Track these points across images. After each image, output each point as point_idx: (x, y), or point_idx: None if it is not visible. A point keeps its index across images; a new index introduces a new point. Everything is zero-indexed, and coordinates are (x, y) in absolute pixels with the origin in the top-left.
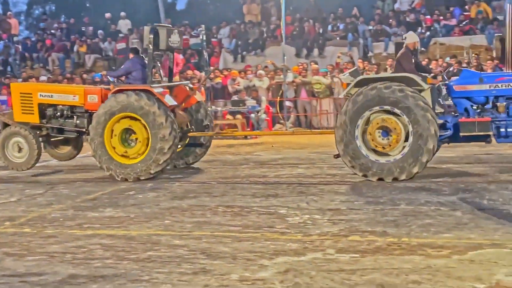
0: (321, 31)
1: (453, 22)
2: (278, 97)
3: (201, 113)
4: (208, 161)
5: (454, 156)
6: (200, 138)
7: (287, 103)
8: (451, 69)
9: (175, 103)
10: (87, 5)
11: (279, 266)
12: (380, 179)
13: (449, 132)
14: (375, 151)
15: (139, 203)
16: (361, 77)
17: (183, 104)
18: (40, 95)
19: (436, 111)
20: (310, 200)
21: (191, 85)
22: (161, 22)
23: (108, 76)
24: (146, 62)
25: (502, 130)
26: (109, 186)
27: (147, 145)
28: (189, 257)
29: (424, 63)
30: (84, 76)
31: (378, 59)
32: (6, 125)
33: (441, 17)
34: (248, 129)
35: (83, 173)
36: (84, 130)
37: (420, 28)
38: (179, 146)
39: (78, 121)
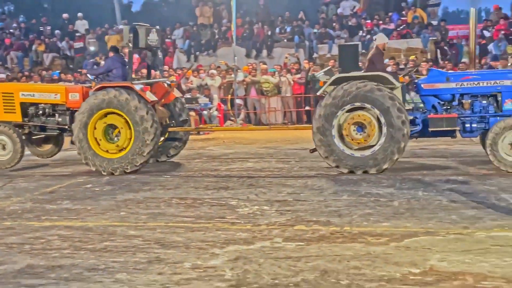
0: (269, 33)
1: (392, 26)
2: (229, 95)
3: (179, 109)
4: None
5: None
6: (179, 133)
7: (238, 101)
8: (415, 69)
9: (155, 98)
10: (45, 5)
11: (230, 254)
12: (351, 172)
13: (418, 128)
14: (350, 146)
15: (96, 196)
16: (337, 75)
17: (163, 100)
18: (22, 94)
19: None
20: (259, 192)
21: (169, 82)
22: (117, 23)
23: (88, 74)
24: (126, 60)
25: (467, 125)
26: (66, 180)
27: (130, 139)
28: (144, 246)
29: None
30: (43, 73)
31: (323, 60)
32: None
33: (381, 22)
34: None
35: (42, 167)
36: (66, 127)
37: (361, 31)
38: (160, 140)
39: (60, 119)
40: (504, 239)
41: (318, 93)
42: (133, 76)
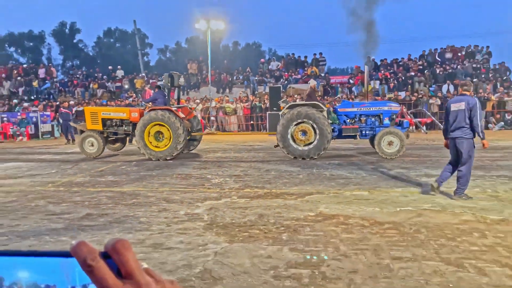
0: (230, 79)
1: (299, 76)
2: (207, 115)
3: (196, 122)
4: None
5: None
6: (196, 136)
7: (212, 118)
8: (336, 97)
9: (184, 115)
10: (98, 61)
11: (206, 206)
12: (303, 158)
13: (335, 133)
14: (298, 144)
15: (128, 172)
16: (291, 103)
17: (187, 116)
18: (103, 113)
19: (330, 121)
20: (224, 170)
21: (190, 106)
22: (141, 72)
23: (142, 101)
24: (165, 93)
25: (363, 132)
26: (110, 163)
27: (170, 139)
28: (156, 202)
29: (290, 98)
30: (96, 101)
31: (260, 95)
32: (82, 131)
33: (293, 73)
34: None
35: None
36: (129, 132)
37: (282, 79)
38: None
39: (125, 128)
40: (360, 196)
41: (280, 113)
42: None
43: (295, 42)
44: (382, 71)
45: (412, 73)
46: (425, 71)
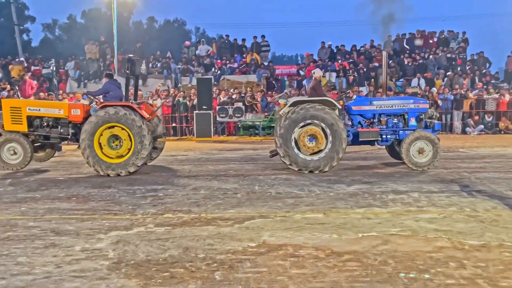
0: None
1: (235, 65)
2: None
3: (161, 125)
4: (56, 162)
5: (237, 156)
6: (157, 144)
7: None
8: (348, 94)
9: (147, 115)
10: None
11: (112, 238)
12: (310, 171)
13: (350, 138)
14: (304, 152)
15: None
16: (294, 98)
17: (150, 116)
18: (29, 109)
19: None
20: (136, 189)
21: (150, 102)
22: (19, 56)
23: (87, 94)
24: (119, 84)
25: (384, 136)
26: None
27: (130, 146)
28: (41, 235)
29: (224, 93)
30: None
31: (185, 89)
32: None
33: (227, 61)
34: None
35: None
36: (67, 136)
37: (213, 68)
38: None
39: (62, 130)
40: (313, 219)
41: (280, 112)
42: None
43: (230, 21)
44: (340, 61)
45: (376, 64)
46: (391, 61)
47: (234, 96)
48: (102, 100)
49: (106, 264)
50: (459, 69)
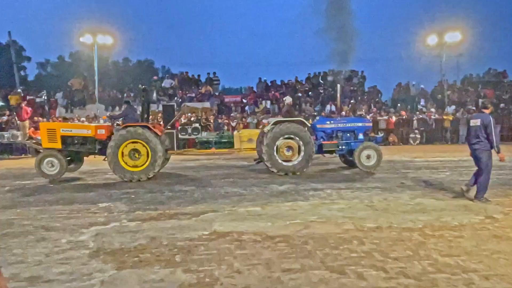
0: (120, 96)
1: (193, 94)
2: None
3: (166, 139)
4: None
5: (195, 165)
6: (166, 153)
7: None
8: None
9: (159, 133)
10: None
11: (92, 232)
12: (286, 174)
13: (315, 149)
14: (284, 160)
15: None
16: (276, 119)
17: (161, 134)
18: (62, 130)
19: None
20: (113, 193)
21: (161, 123)
22: (16, 87)
23: (111, 117)
24: (135, 109)
25: (339, 147)
26: None
27: (147, 158)
28: (34, 231)
29: (184, 116)
30: None
31: (154, 113)
32: (37, 151)
33: (187, 92)
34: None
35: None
36: (94, 151)
37: (176, 97)
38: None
39: (89, 146)
40: (253, 212)
41: (264, 129)
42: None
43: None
44: (273, 92)
45: (299, 94)
46: (310, 93)
47: (192, 119)
48: (118, 122)
49: (87, 253)
50: (359, 98)
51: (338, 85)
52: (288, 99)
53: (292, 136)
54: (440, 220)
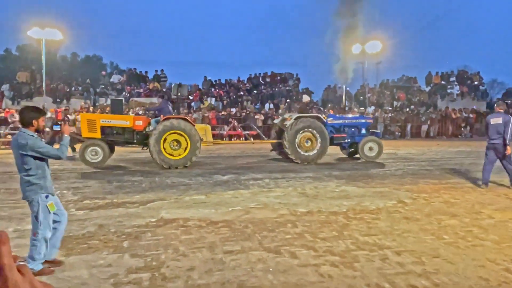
0: (68, 89)
1: (141, 90)
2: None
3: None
4: None
5: (143, 157)
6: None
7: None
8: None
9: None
10: None
11: None
12: (307, 163)
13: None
14: (303, 150)
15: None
16: (297, 115)
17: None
18: (102, 121)
19: None
20: (60, 183)
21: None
22: None
23: (147, 109)
24: (169, 103)
25: (346, 140)
26: None
27: (186, 149)
28: None
29: (132, 111)
30: None
31: (102, 107)
32: (78, 140)
33: (135, 87)
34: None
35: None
36: (132, 141)
37: (124, 92)
38: None
39: (127, 136)
40: (198, 200)
41: (287, 124)
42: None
43: (137, 57)
44: (217, 90)
45: (241, 93)
46: (252, 92)
47: (140, 113)
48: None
49: None
50: (294, 98)
51: (344, 86)
52: (305, 98)
53: (310, 129)
54: (360, 205)
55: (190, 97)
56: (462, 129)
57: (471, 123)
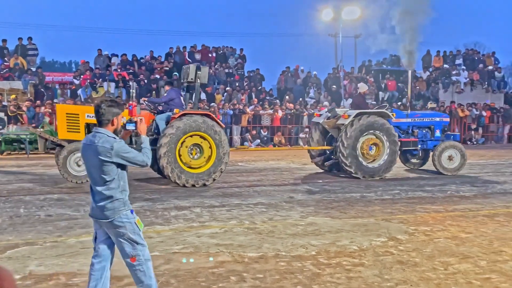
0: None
1: None
2: None
3: None
4: None
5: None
6: None
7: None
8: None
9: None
10: None
11: None
12: (371, 177)
13: None
14: (367, 159)
15: None
16: (358, 111)
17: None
18: (88, 116)
19: None
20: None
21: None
22: None
23: (150, 101)
24: (181, 92)
25: (418, 146)
26: None
27: (209, 157)
28: None
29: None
30: None
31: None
32: (55, 143)
33: None
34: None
35: None
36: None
37: None
38: None
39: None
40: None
41: (345, 123)
42: None
43: None
44: (119, 70)
45: (157, 76)
46: (174, 74)
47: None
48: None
49: None
50: (237, 84)
51: (410, 71)
52: (362, 87)
53: (376, 132)
54: (336, 244)
55: (76, 81)
56: (473, 132)
57: (484, 123)
